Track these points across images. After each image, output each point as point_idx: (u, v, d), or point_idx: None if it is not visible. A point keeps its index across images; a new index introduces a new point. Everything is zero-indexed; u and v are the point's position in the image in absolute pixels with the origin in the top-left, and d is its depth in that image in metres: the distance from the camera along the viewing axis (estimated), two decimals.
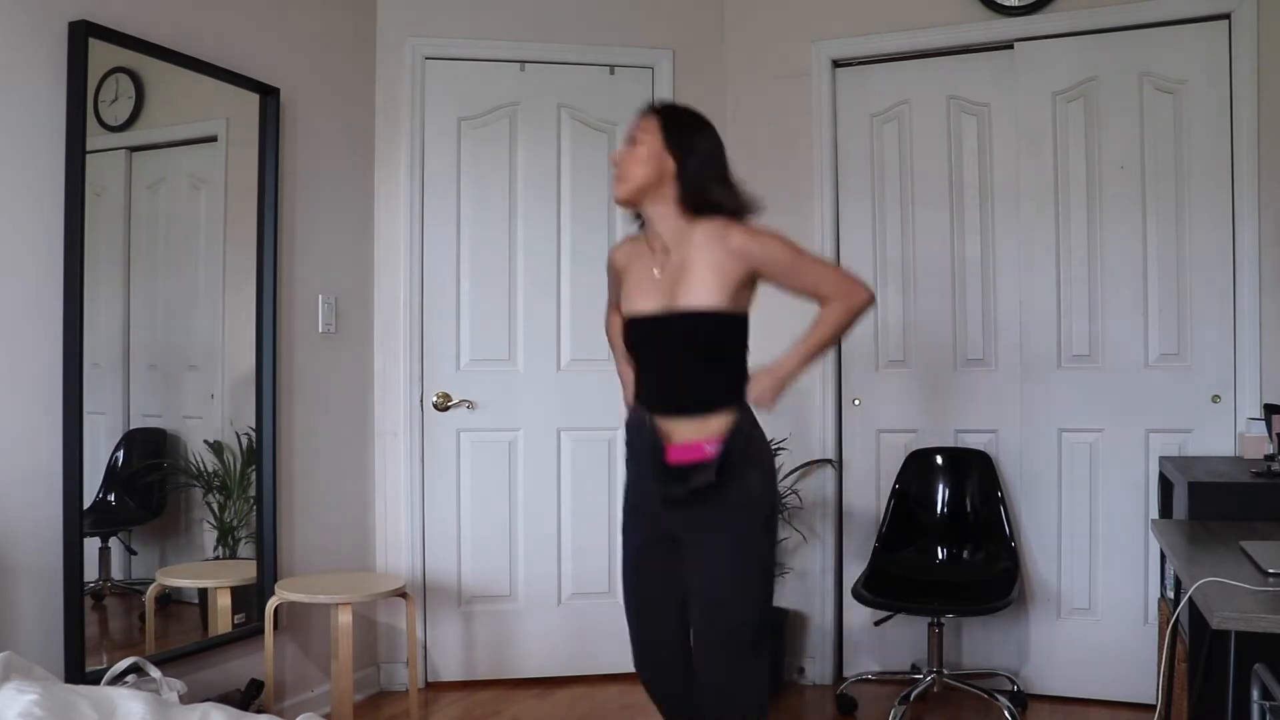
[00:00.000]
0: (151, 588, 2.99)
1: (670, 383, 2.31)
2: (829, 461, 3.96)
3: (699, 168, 2.28)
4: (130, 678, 2.54)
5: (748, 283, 2.28)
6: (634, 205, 2.34)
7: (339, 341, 3.70)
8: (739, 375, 2.33)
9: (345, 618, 3.10)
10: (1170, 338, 3.57)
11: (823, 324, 2.30)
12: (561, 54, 3.97)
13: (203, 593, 3.17)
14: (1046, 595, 3.71)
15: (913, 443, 3.89)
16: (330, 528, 3.65)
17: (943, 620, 3.52)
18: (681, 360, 2.29)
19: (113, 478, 2.88)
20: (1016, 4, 3.71)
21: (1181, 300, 3.56)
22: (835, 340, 2.38)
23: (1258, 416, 3.25)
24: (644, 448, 2.33)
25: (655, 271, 2.31)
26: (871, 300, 2.31)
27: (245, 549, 3.31)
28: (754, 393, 2.30)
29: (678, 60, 4.05)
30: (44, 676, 1.97)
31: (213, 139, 3.23)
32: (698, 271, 2.24)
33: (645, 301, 2.32)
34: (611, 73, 4.01)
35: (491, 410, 3.93)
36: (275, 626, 3.26)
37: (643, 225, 2.38)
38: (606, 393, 4.00)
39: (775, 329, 2.54)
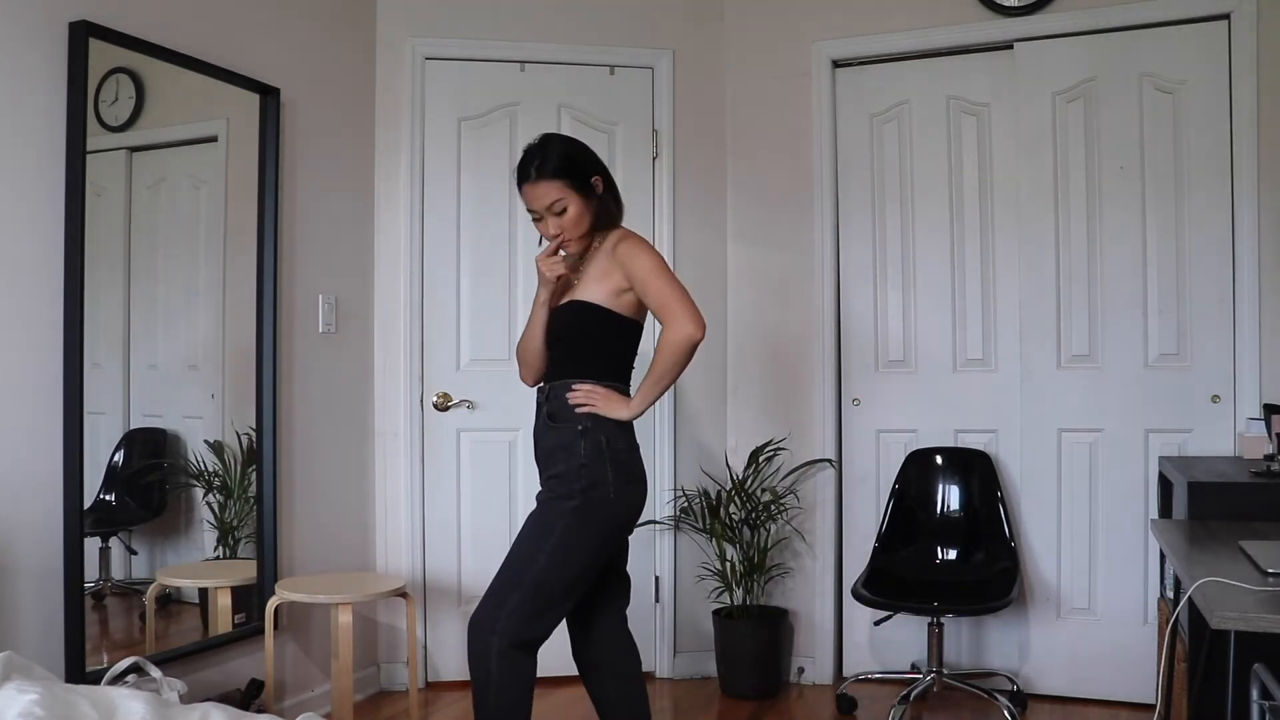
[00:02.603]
0: (152, 588, 2.99)
1: (552, 359, 2.61)
2: (829, 461, 3.96)
3: (601, 197, 2.57)
4: (130, 678, 2.54)
5: (629, 287, 2.51)
6: (588, 245, 2.61)
7: (339, 341, 3.70)
8: (603, 365, 2.54)
9: (345, 618, 3.10)
10: (1170, 338, 3.58)
11: (655, 362, 2.47)
12: (561, 54, 3.97)
13: (203, 593, 3.17)
14: (1046, 595, 3.71)
15: (913, 443, 3.89)
16: (330, 528, 3.65)
17: (942, 620, 3.52)
18: (559, 340, 2.58)
19: (113, 478, 2.88)
20: (1016, 4, 3.71)
21: (1181, 300, 3.56)
22: (670, 380, 2.49)
23: (1257, 416, 3.25)
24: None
25: (574, 278, 2.63)
26: (696, 337, 2.43)
27: (245, 549, 3.31)
28: (584, 395, 2.49)
29: (678, 60, 4.05)
30: (44, 676, 1.97)
31: (213, 139, 3.23)
32: (590, 273, 2.55)
33: (562, 299, 2.64)
34: (611, 73, 4.01)
35: (491, 410, 3.93)
36: (275, 626, 3.26)
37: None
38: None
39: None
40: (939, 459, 3.84)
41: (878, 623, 3.79)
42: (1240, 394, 3.46)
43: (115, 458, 2.89)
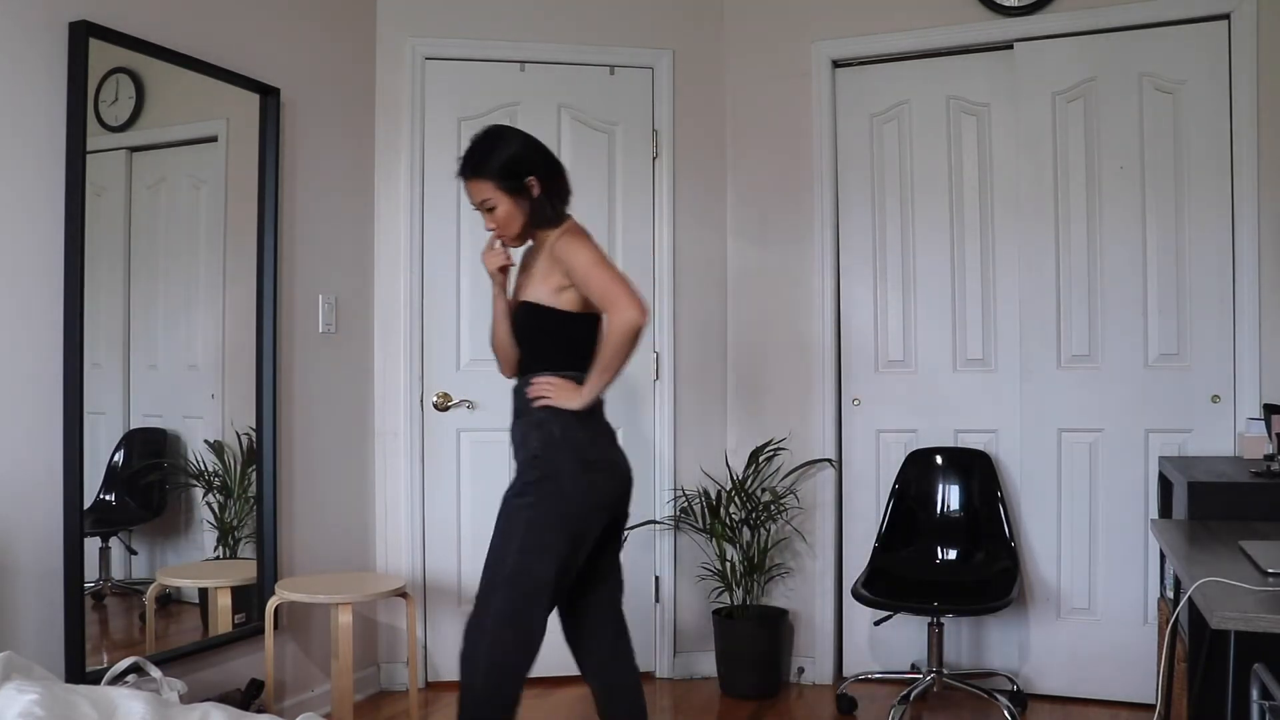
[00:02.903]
0: (152, 588, 2.99)
1: (520, 357, 2.68)
2: (829, 461, 3.96)
3: (537, 199, 2.59)
4: (130, 678, 2.54)
5: (568, 284, 2.55)
6: (525, 241, 2.69)
7: (339, 341, 3.70)
8: (561, 358, 2.58)
9: (345, 618, 3.10)
10: (1170, 338, 3.58)
11: (601, 351, 2.51)
12: (561, 54, 3.97)
13: (203, 593, 3.17)
14: (1046, 595, 3.71)
15: (913, 443, 3.89)
16: (330, 527, 3.65)
17: (942, 620, 3.52)
18: (519, 340, 2.65)
19: (113, 478, 2.88)
20: (1016, 4, 3.71)
21: (1181, 300, 3.56)
22: (617, 365, 2.51)
23: (1257, 416, 3.25)
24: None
25: (522, 274, 2.73)
26: (638, 321, 2.44)
27: (245, 549, 3.31)
28: (538, 388, 2.55)
29: (678, 60, 4.05)
30: (44, 676, 1.97)
31: (213, 139, 3.23)
32: (536, 272, 2.62)
33: (517, 295, 2.71)
34: (611, 73, 4.01)
35: (491, 410, 3.93)
36: (275, 626, 3.26)
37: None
38: (607, 393, 4.01)
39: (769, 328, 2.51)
40: (939, 459, 3.84)
41: (878, 623, 3.79)
42: (1240, 394, 3.46)
43: (115, 458, 2.89)
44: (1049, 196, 3.71)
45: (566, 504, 2.50)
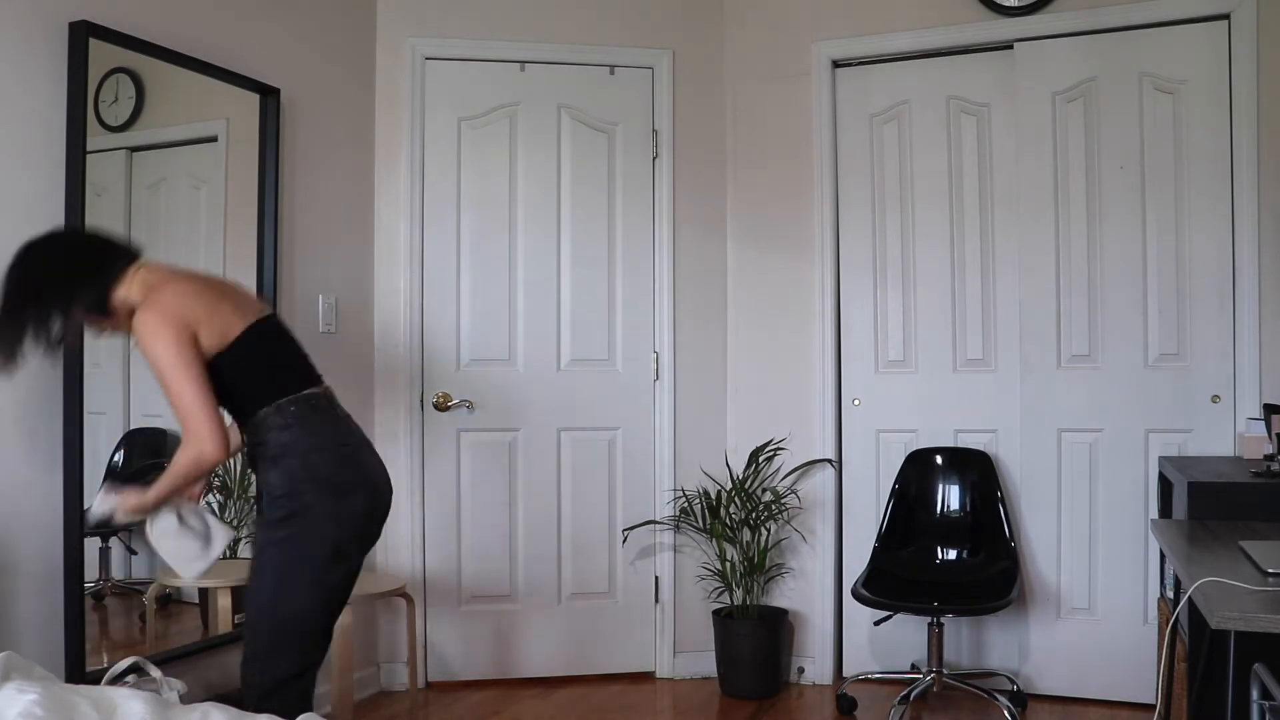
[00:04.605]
0: (152, 588, 2.99)
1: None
2: (829, 461, 3.96)
3: (85, 312, 2.26)
4: (130, 678, 2.54)
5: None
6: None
7: (339, 341, 3.70)
8: (248, 399, 2.30)
9: (345, 618, 3.09)
10: (1170, 338, 3.57)
11: (169, 470, 2.25)
12: (561, 54, 3.97)
13: (203, 593, 3.17)
14: (1046, 595, 3.71)
15: (913, 443, 3.89)
16: None
17: (942, 620, 3.52)
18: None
19: (113, 478, 2.88)
20: (1016, 4, 3.71)
21: (1181, 300, 3.56)
22: (176, 489, 2.28)
23: (1257, 416, 3.25)
24: None
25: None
26: (212, 458, 2.17)
27: (245, 549, 3.31)
28: (102, 504, 2.30)
29: (678, 60, 4.05)
30: (44, 676, 1.97)
31: (213, 139, 3.23)
32: None
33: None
34: (611, 73, 4.01)
35: (491, 410, 3.93)
36: None
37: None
38: (607, 393, 4.01)
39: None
40: (939, 459, 3.84)
41: (878, 623, 3.79)
42: (1240, 394, 3.46)
43: (115, 458, 2.89)
44: (1049, 196, 3.71)
45: (319, 537, 2.29)
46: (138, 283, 2.27)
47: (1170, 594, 3.08)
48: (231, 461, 3.25)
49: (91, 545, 2.79)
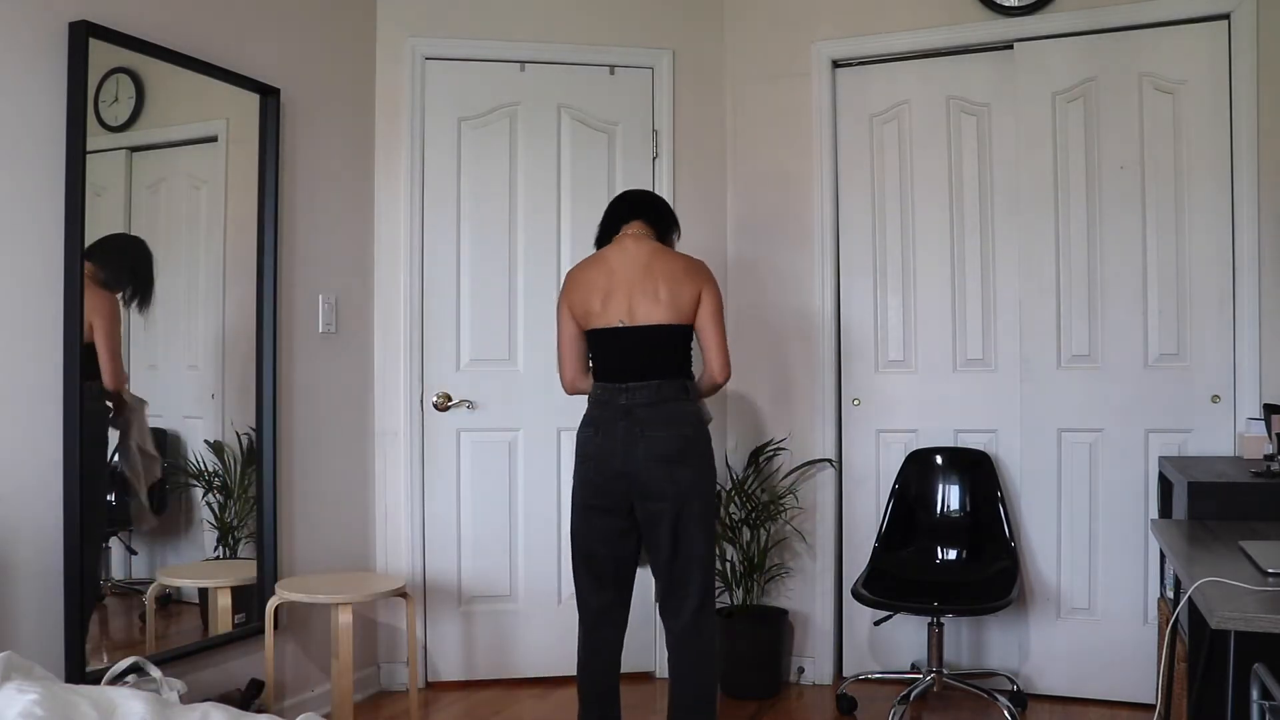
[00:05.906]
0: (152, 588, 2.99)
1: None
2: (829, 461, 3.96)
3: None
4: (130, 678, 2.54)
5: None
6: None
7: (339, 341, 3.70)
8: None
9: (345, 618, 3.10)
10: (1170, 338, 3.58)
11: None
12: (561, 54, 3.97)
13: (203, 593, 3.17)
14: (1046, 595, 3.71)
15: (913, 443, 3.89)
16: (330, 528, 3.65)
17: (942, 620, 3.52)
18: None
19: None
20: (1016, 4, 3.71)
21: (1181, 300, 3.56)
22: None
23: (1257, 416, 3.25)
24: None
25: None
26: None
27: (245, 549, 3.31)
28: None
29: (678, 60, 4.05)
30: (44, 676, 1.97)
31: (213, 139, 3.23)
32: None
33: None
34: (611, 73, 4.01)
35: (491, 410, 3.93)
36: (275, 626, 3.26)
37: None
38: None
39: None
40: (939, 459, 3.84)
41: (878, 623, 3.79)
42: (1240, 394, 3.46)
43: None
44: (1049, 197, 3.71)
45: (571, 491, 3.01)
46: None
47: (1170, 594, 3.08)
48: (231, 461, 3.26)
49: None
